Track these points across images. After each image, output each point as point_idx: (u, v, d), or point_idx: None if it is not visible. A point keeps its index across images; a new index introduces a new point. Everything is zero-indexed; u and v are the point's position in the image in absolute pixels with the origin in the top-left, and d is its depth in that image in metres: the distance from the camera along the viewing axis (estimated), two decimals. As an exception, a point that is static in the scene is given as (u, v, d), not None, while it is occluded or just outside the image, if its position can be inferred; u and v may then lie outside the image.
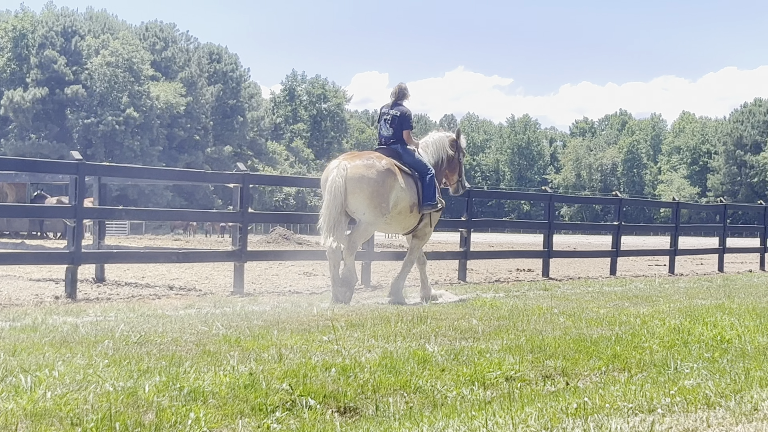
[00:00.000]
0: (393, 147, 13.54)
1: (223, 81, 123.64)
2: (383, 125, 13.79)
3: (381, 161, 12.89)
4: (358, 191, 12.54)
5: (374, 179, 12.60)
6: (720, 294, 14.74)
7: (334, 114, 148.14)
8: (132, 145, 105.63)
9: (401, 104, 13.76)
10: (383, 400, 5.89)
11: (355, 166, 12.66)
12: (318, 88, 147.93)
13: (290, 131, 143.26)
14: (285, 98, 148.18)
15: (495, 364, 6.99)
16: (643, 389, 6.03)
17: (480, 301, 12.41)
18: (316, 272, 20.01)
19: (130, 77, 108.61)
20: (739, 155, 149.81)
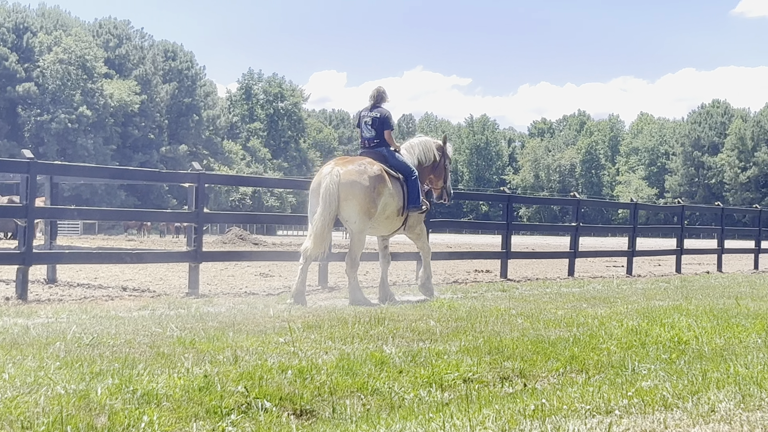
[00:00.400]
0: (377, 150, 13.87)
1: (179, 79, 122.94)
2: (365, 128, 14.04)
3: (373, 167, 13.18)
4: (351, 197, 12.82)
5: (366, 185, 12.92)
6: (677, 295, 14.88)
7: (292, 113, 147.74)
8: (85, 143, 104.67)
9: (380, 106, 14.06)
10: (340, 403, 5.88)
11: (347, 171, 12.92)
12: (275, 87, 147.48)
13: (247, 130, 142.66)
14: (241, 97, 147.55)
15: (453, 366, 7.01)
16: (601, 391, 6.07)
17: (438, 303, 12.43)
18: (272, 273, 19.96)
19: (83, 75, 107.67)
20: (696, 156, 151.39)
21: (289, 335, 8.28)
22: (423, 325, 9.52)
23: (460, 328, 9.34)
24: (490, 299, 13.63)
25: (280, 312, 10.80)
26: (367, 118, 14.04)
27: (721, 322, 10.24)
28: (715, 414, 5.41)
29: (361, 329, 8.96)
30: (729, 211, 37.38)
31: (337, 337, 8.32)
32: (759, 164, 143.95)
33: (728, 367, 7.06)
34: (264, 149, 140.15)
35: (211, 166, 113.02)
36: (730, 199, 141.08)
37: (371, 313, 10.60)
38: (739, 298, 13.81)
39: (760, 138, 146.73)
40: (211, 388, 5.84)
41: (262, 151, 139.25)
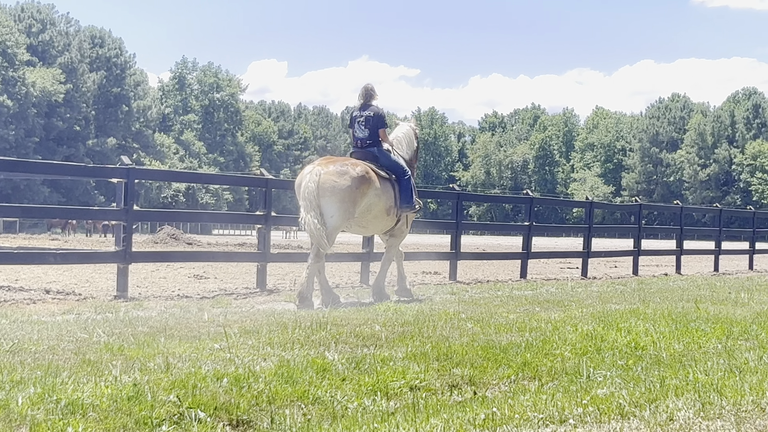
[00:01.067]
0: (369, 150, 14.58)
1: (107, 67, 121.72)
2: (357, 128, 14.74)
3: (356, 168, 13.75)
4: (329, 195, 13.41)
5: (346, 186, 13.50)
6: (635, 298, 15.02)
7: (228, 104, 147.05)
8: (6, 135, 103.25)
9: (372, 104, 14.81)
10: (279, 413, 5.86)
11: (327, 172, 13.52)
12: (210, 77, 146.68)
13: (180, 122, 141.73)
14: (174, 87, 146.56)
15: (399, 373, 7.02)
16: (555, 399, 6.11)
17: (384, 306, 12.46)
18: (207, 275, 19.86)
19: (4, 62, 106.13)
20: (654, 153, 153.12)
21: (225, 341, 8.25)
22: (368, 329, 9.52)
23: (406, 333, 9.36)
24: (438, 302, 13.67)
25: (215, 316, 10.75)
26: (361, 117, 14.71)
27: (680, 327, 10.35)
28: (674, 423, 5.47)
29: (302, 334, 8.95)
30: (688, 211, 37.89)
31: (276, 343, 8.30)
32: (719, 161, 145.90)
33: (687, 374, 7.14)
34: (198, 143, 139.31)
35: (141, 161, 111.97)
36: (689, 197, 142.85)
37: (312, 317, 10.59)
38: (698, 302, 13.97)
39: (721, 134, 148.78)
40: (140, 398, 5.79)
41: (197, 145, 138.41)
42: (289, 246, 41.53)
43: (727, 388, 6.47)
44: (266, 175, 17.22)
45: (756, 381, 6.78)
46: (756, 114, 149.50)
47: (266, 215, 16.59)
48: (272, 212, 16.90)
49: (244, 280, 18.73)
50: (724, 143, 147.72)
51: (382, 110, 14.89)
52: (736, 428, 5.27)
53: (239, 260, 21.01)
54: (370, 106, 14.80)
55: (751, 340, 9.60)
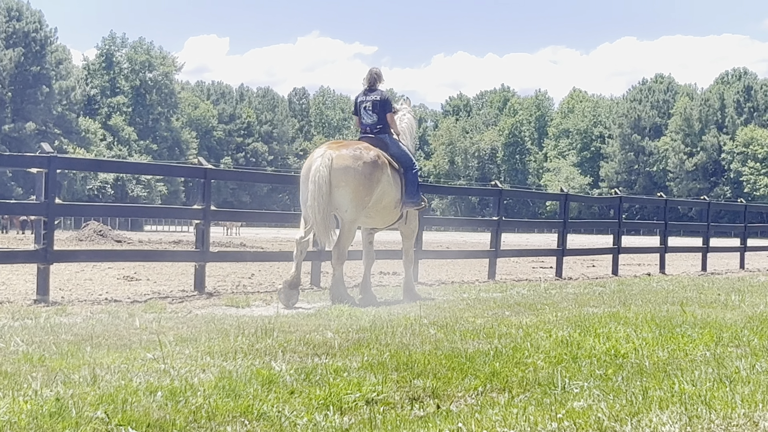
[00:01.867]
0: (380, 136, 15.28)
1: (24, 43, 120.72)
2: (364, 113, 15.43)
3: (369, 152, 14.41)
4: (343, 184, 14.01)
5: (360, 171, 14.12)
6: (614, 301, 15.12)
7: (162, 85, 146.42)
8: None
9: (377, 89, 15.45)
10: (219, 430, 5.85)
11: (340, 155, 14.10)
12: (142, 54, 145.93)
13: (107, 105, 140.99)
14: (101, 66, 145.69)
15: (354, 385, 7.02)
16: (526, 412, 6.14)
17: (337, 311, 12.46)
18: (138, 276, 19.77)
19: None
20: (636, 140, 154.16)
21: (159, 350, 8.22)
22: (319, 337, 9.53)
23: (362, 340, 9.37)
24: (397, 306, 13.70)
25: (147, 322, 10.71)
26: (367, 103, 15.37)
27: (665, 333, 10.44)
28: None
29: (246, 342, 8.94)
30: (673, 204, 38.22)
31: (216, 352, 8.28)
32: (707, 149, 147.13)
33: (672, 384, 7.20)
34: (128, 128, 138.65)
35: (64, 148, 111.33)
36: (674, 189, 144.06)
37: (258, 323, 10.58)
38: (684, 305, 14.09)
39: (709, 119, 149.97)
40: (64, 414, 5.76)
41: (126, 131, 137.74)
42: (230, 244, 41.44)
43: (716, 400, 6.53)
44: (204, 164, 17.15)
45: (748, 392, 6.85)
46: (747, 97, 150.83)
47: (205, 209, 16.51)
48: (212, 206, 16.84)
49: (180, 281, 18.66)
50: (713, 129, 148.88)
51: (389, 94, 15.56)
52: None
53: (175, 259, 20.93)
54: (376, 90, 15.41)
55: (743, 347, 9.69)
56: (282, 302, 13.79)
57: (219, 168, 24.46)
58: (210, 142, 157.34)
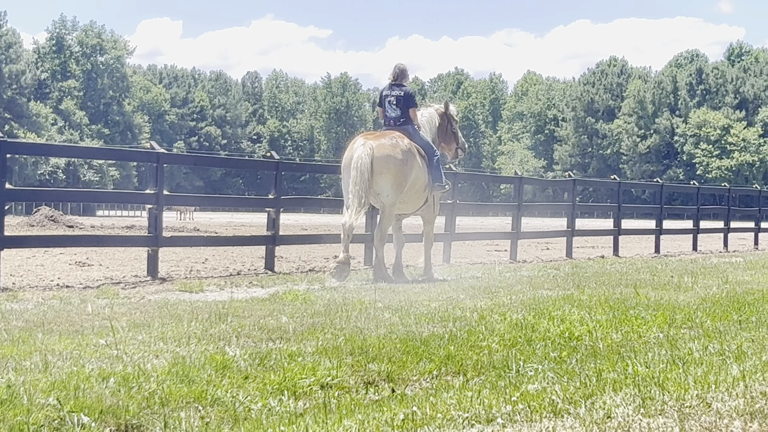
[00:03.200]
0: (404, 127, 16.51)
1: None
2: (389, 107, 16.69)
3: (403, 140, 15.98)
4: (384, 171, 15.49)
5: (400, 159, 15.65)
6: (568, 284, 15.19)
7: (114, 69, 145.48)
8: None
9: (403, 84, 16.76)
10: (173, 416, 5.83)
11: (381, 145, 15.61)
12: (93, 38, 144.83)
13: (58, 89, 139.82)
14: (51, 49, 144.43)
15: (308, 370, 7.01)
16: (481, 395, 6.15)
17: (291, 295, 12.43)
18: (90, 262, 19.64)
19: None
20: (590, 123, 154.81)
21: (112, 336, 8.17)
22: (273, 321, 9.51)
23: (317, 324, 9.36)
24: (352, 290, 13.69)
25: (100, 308, 10.64)
26: (391, 97, 16.66)
27: (618, 315, 10.49)
28: (612, 420, 5.54)
29: (199, 327, 8.91)
30: (627, 186, 38.42)
31: (170, 338, 8.24)
32: (660, 132, 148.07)
33: (626, 366, 7.24)
34: (80, 112, 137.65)
35: (14, 133, 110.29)
36: (627, 172, 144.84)
37: (211, 308, 10.54)
38: (638, 287, 14.17)
39: (662, 102, 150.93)
40: (15, 401, 5.71)
41: (78, 115, 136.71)
42: (184, 229, 41.23)
43: (669, 382, 6.57)
44: (157, 148, 17.05)
45: (701, 373, 6.89)
46: (700, 79, 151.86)
47: (157, 194, 16.42)
48: (164, 191, 16.76)
49: (133, 267, 18.56)
50: (666, 112, 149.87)
51: (413, 90, 17.04)
52: (679, 425, 5.35)
53: (127, 245, 20.82)
54: (401, 86, 16.70)
55: (696, 329, 9.77)
56: (335, 278, 15.20)
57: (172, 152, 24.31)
58: (163, 127, 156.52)
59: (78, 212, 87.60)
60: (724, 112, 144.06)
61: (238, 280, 15.73)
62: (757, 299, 12.60)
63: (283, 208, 19.66)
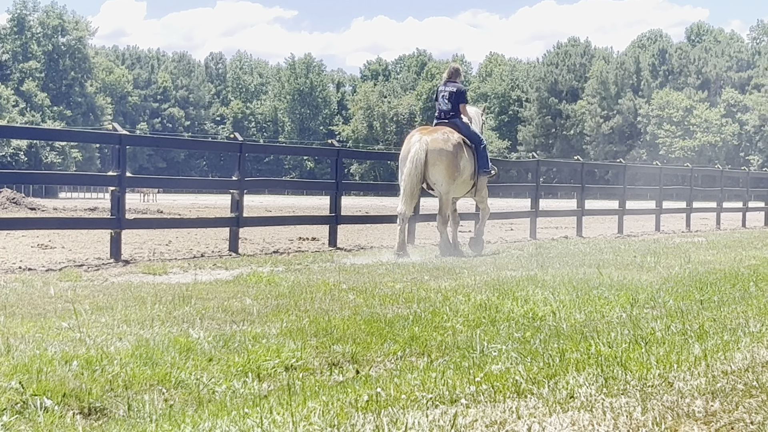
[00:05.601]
0: (453, 121, 18.35)
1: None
2: (442, 101, 18.62)
3: (453, 135, 17.80)
4: (438, 163, 17.42)
5: (451, 152, 17.52)
6: (532, 264, 15.24)
7: (76, 50, 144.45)
8: None
9: (456, 82, 18.63)
10: (137, 398, 5.81)
11: (434, 139, 17.52)
12: (54, 19, 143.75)
13: (20, 71, 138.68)
14: (12, 30, 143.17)
15: (273, 352, 7.01)
16: (445, 376, 6.16)
17: (255, 277, 12.42)
18: (53, 244, 19.53)
19: None
20: (553, 103, 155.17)
21: (75, 319, 8.14)
22: (237, 303, 9.50)
23: (281, 306, 9.36)
24: (316, 272, 13.70)
25: (62, 291, 10.60)
26: (445, 92, 18.56)
27: (582, 295, 10.55)
28: (575, 400, 5.56)
29: (163, 310, 8.89)
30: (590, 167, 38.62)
31: (133, 320, 8.22)
32: (623, 112, 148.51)
33: (589, 346, 7.27)
34: (41, 94, 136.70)
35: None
36: (591, 152, 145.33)
37: (174, 291, 10.52)
38: (601, 267, 14.24)
39: (625, 82, 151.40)
40: (-23, 385, 5.68)
41: (39, 97, 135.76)
42: (147, 211, 41.03)
43: (632, 362, 6.60)
44: (120, 130, 16.96)
45: (663, 353, 6.93)
46: (662, 60, 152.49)
47: (120, 176, 16.34)
48: (127, 173, 16.68)
49: (96, 249, 18.48)
50: (629, 92, 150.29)
51: (464, 87, 18.90)
52: (641, 405, 5.38)
53: (90, 227, 20.73)
54: (454, 82, 18.56)
55: (658, 308, 9.83)
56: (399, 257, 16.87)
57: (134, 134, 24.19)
58: (125, 108, 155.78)
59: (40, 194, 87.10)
60: (687, 93, 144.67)
61: (201, 262, 15.69)
62: (719, 279, 12.69)
63: (246, 189, 19.62)
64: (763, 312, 9.38)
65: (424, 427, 4.95)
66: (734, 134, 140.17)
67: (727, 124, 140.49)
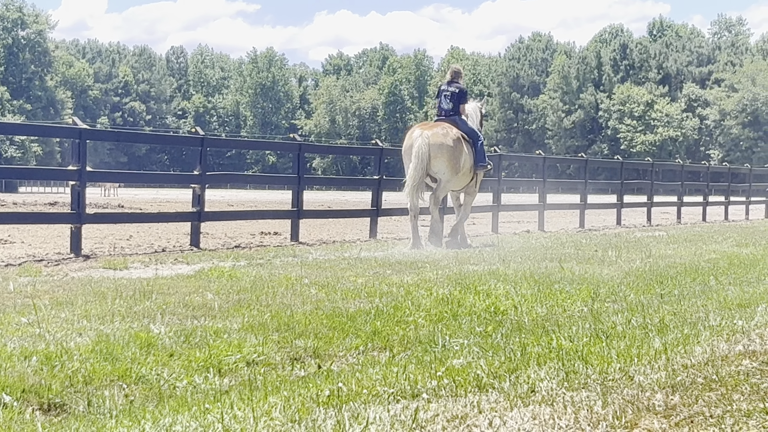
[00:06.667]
0: (452, 118, 19.37)
1: None
2: (443, 100, 19.72)
3: (453, 130, 18.83)
4: (439, 155, 18.34)
5: (451, 145, 18.46)
6: (494, 258, 15.27)
7: (35, 44, 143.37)
8: None
9: (457, 82, 19.89)
10: (97, 394, 5.79)
11: (435, 134, 18.47)
12: (14, 12, 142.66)
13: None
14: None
15: (234, 347, 7.00)
16: (407, 371, 6.17)
17: (217, 272, 12.38)
18: (12, 239, 19.39)
19: None
20: (515, 98, 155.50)
21: (34, 314, 8.09)
22: (199, 298, 9.47)
23: (243, 301, 9.34)
24: (278, 266, 13.66)
25: (22, 286, 10.52)
26: (447, 92, 19.70)
27: (543, 289, 10.59)
28: (536, 395, 5.58)
29: (124, 305, 8.85)
30: (552, 161, 38.71)
31: (93, 316, 8.18)
32: (585, 107, 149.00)
33: (550, 340, 7.30)
34: (1, 88, 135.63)
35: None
36: (553, 147, 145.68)
37: (135, 286, 10.47)
38: (563, 261, 14.31)
39: (587, 77, 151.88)
40: (-65, 382, 5.64)
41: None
42: (108, 205, 40.84)
43: (593, 356, 6.63)
44: (80, 124, 16.85)
45: (624, 347, 6.97)
46: (624, 55, 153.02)
47: (80, 170, 16.23)
48: (88, 167, 16.57)
49: (56, 244, 18.36)
50: (590, 87, 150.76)
51: (465, 88, 20.14)
52: (602, 399, 5.40)
53: (50, 222, 20.59)
54: (456, 83, 19.80)
55: (619, 302, 9.89)
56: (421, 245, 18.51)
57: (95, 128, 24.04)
58: (86, 102, 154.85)
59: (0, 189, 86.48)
60: (648, 88, 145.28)
61: (163, 257, 15.62)
62: (680, 273, 12.78)
63: (208, 184, 19.59)
64: (723, 306, 9.45)
65: (386, 422, 4.95)
66: (695, 129, 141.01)
67: (687, 119, 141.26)
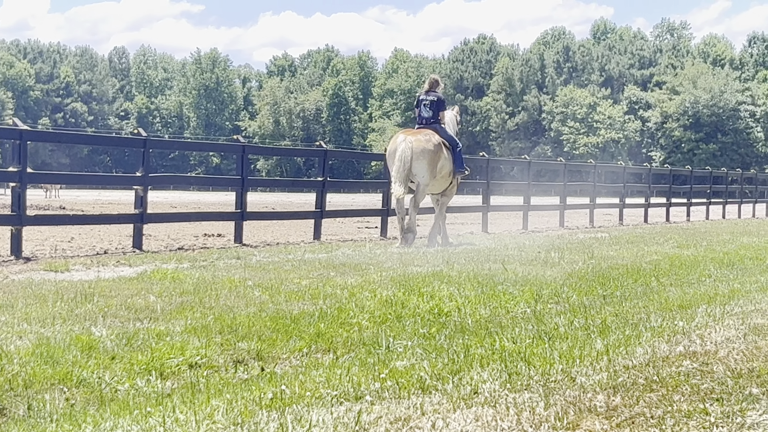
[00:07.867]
0: (433, 126, 20.31)
1: None
2: (423, 109, 20.57)
3: (435, 137, 19.85)
4: (421, 159, 19.36)
5: (432, 150, 19.52)
6: (438, 260, 15.29)
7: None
8: None
9: (435, 91, 20.68)
10: (37, 398, 5.74)
11: (418, 140, 19.50)
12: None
13: None
14: None
15: (177, 349, 6.97)
16: (350, 373, 6.18)
17: (160, 274, 12.31)
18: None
19: None
20: (459, 100, 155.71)
21: (-26, 317, 8.00)
22: (141, 301, 9.41)
23: (185, 303, 9.30)
24: (222, 269, 13.61)
25: (-38, 289, 10.40)
26: (426, 101, 20.52)
27: (487, 290, 10.62)
28: (479, 396, 5.60)
29: (65, 308, 8.77)
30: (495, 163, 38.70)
31: (34, 318, 8.11)
32: (528, 109, 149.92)
33: (493, 342, 7.33)
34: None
35: None
36: (496, 148, 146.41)
37: (77, 288, 10.38)
38: (506, 263, 14.35)
39: (530, 79, 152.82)
40: None
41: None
42: (49, 207, 40.48)
43: (535, 357, 6.67)
44: (20, 125, 16.69)
45: (566, 348, 7.02)
46: (566, 57, 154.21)
47: (21, 172, 16.09)
48: (28, 168, 16.42)
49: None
50: (534, 89, 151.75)
51: (444, 97, 21.04)
52: (544, 400, 5.43)
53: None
54: (434, 92, 20.60)
55: (562, 303, 9.95)
56: (405, 244, 19.28)
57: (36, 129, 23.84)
58: (27, 103, 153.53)
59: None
60: (591, 90, 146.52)
61: (105, 259, 15.50)
62: (622, 274, 12.89)
63: (151, 185, 19.47)
64: (664, 307, 9.54)
65: (329, 425, 4.95)
66: (636, 131, 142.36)
67: (629, 121, 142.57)
